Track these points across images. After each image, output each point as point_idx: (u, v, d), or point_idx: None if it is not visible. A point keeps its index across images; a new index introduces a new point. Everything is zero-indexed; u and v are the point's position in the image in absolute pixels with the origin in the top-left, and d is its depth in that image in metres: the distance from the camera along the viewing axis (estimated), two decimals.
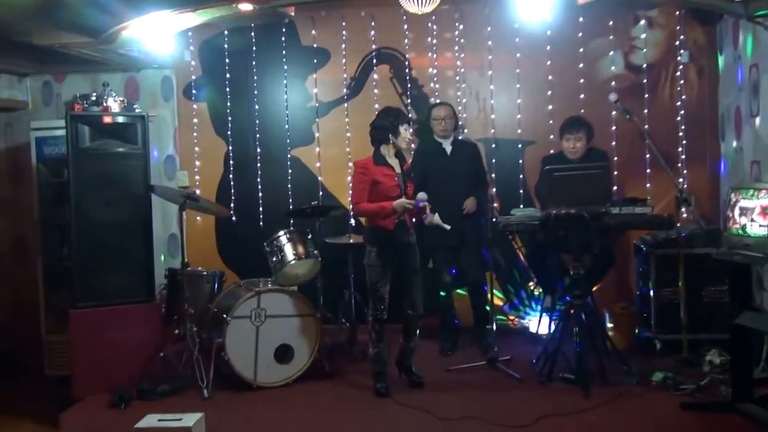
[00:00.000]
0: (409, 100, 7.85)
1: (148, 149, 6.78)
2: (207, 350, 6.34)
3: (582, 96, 7.59)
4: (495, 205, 6.81)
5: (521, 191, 7.75)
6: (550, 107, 7.63)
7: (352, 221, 7.81)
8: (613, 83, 7.65)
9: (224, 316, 6.31)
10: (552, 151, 7.30)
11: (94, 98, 6.80)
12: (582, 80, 7.59)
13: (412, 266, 6.00)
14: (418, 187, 5.93)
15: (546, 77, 7.69)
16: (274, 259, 6.60)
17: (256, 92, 8.06)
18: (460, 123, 7.34)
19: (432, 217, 5.73)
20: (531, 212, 6.51)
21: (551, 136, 7.49)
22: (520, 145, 7.75)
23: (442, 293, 7.01)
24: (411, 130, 6.07)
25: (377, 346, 6.08)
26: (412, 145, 6.96)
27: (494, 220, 6.31)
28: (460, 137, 7.38)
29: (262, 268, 6.81)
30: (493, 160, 7.78)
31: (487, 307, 6.83)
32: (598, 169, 6.07)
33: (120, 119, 6.68)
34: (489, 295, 6.71)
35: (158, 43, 7.18)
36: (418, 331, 6.16)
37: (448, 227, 5.73)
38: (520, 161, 7.77)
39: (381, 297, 5.92)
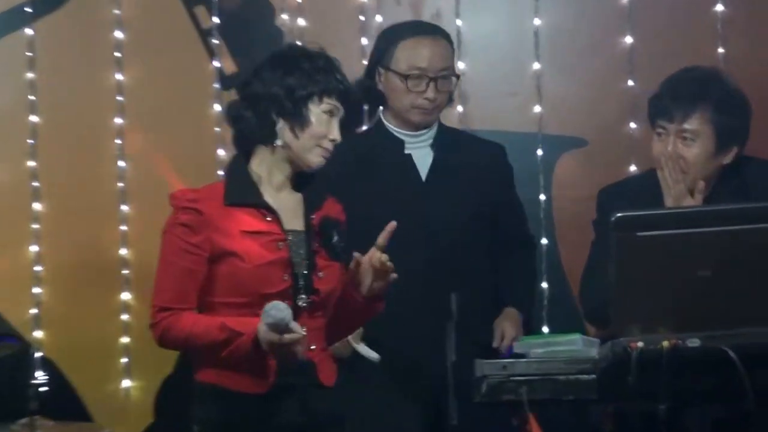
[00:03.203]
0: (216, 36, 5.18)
1: None
2: None
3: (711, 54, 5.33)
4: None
5: (544, 281, 5.01)
6: (630, 83, 5.12)
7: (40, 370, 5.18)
8: None
9: None
10: (634, 173, 5.00)
11: None
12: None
13: None
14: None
15: (618, 8, 5.17)
16: None
17: None
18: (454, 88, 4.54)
19: (356, 342, 4.39)
20: (573, 344, 3.77)
21: (630, 167, 5.11)
22: (540, 152, 5.18)
23: None
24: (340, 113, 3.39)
25: None
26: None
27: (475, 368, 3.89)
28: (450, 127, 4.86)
29: None
30: None
31: None
32: (765, 221, 3.42)
33: None
34: None
35: None
36: None
37: (376, 358, 4.34)
38: (541, 194, 5.19)
39: None
